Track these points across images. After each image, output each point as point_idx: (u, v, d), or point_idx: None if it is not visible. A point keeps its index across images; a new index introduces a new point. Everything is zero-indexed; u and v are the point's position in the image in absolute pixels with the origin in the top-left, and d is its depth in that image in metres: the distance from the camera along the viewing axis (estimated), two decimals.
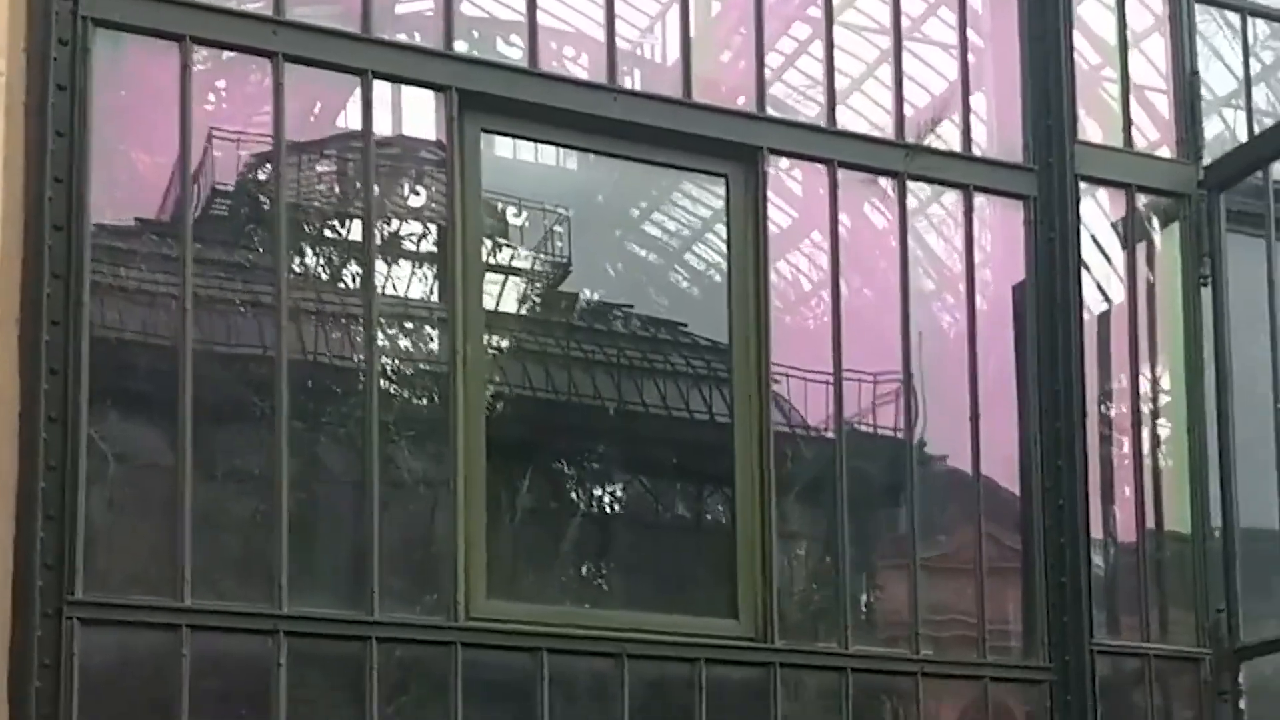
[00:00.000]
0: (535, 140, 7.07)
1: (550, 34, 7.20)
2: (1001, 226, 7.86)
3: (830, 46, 7.45)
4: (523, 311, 7.29)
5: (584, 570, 6.96)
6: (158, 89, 6.32)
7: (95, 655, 5.71)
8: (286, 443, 6.12)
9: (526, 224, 7.41)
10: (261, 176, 6.61)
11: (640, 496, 7.22)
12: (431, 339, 6.69)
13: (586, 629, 6.51)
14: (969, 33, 7.79)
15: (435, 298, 6.73)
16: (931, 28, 8.00)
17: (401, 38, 6.80)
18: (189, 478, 5.96)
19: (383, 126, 6.85)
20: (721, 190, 7.20)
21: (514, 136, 7.00)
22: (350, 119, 6.89)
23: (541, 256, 7.37)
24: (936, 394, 7.44)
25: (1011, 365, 7.65)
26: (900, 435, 7.28)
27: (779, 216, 7.71)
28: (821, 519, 7.09)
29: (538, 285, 7.44)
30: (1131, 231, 7.89)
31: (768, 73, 7.49)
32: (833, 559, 6.99)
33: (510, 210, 7.36)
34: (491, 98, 6.76)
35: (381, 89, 6.70)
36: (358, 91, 6.73)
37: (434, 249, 6.79)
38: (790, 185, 7.70)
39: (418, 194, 6.90)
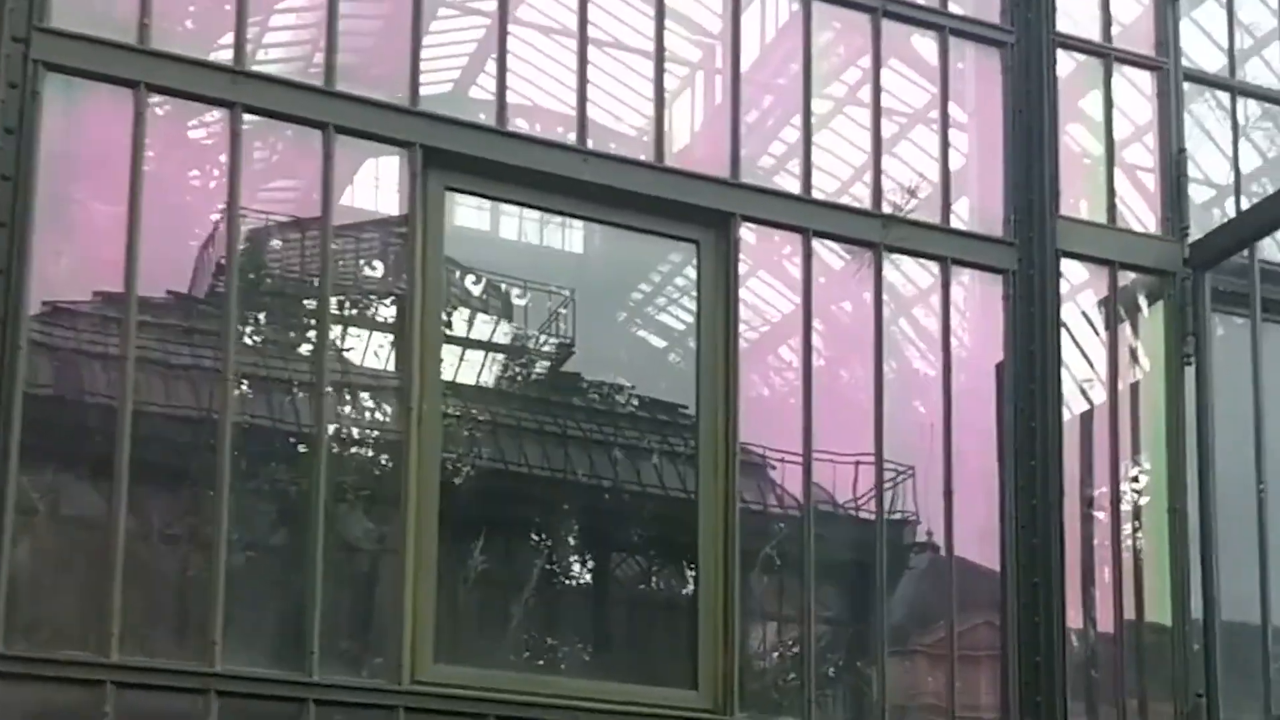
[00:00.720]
0: (501, 200, 6.96)
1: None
2: (984, 303, 7.70)
3: (807, 117, 7.34)
4: (488, 383, 7.16)
5: (537, 638, 6.73)
6: (113, 137, 6.22)
7: (14, 712, 5.53)
8: (227, 500, 5.95)
9: (530, 304, 7.35)
10: (273, 247, 6.53)
11: (600, 567, 7.01)
12: (391, 402, 6.53)
13: (537, 695, 6.29)
14: (952, 107, 7.69)
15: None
16: (916, 101, 7.91)
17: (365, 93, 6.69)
18: (121, 530, 5.78)
19: (388, 205, 6.79)
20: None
21: (480, 195, 6.90)
22: (358, 195, 6.84)
23: (543, 336, 7.28)
24: (921, 473, 7.27)
25: (994, 444, 7.45)
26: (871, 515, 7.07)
27: (781, 302, 7.58)
28: (791, 594, 6.87)
29: (514, 360, 7.34)
30: (1114, 309, 7.72)
31: (769, 160, 7.42)
32: (799, 632, 6.77)
33: (515, 291, 7.33)
34: (457, 155, 6.66)
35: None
36: (367, 165, 6.69)
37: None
38: (791, 270, 7.55)
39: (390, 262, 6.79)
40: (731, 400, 6.84)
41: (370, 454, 6.50)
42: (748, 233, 7.13)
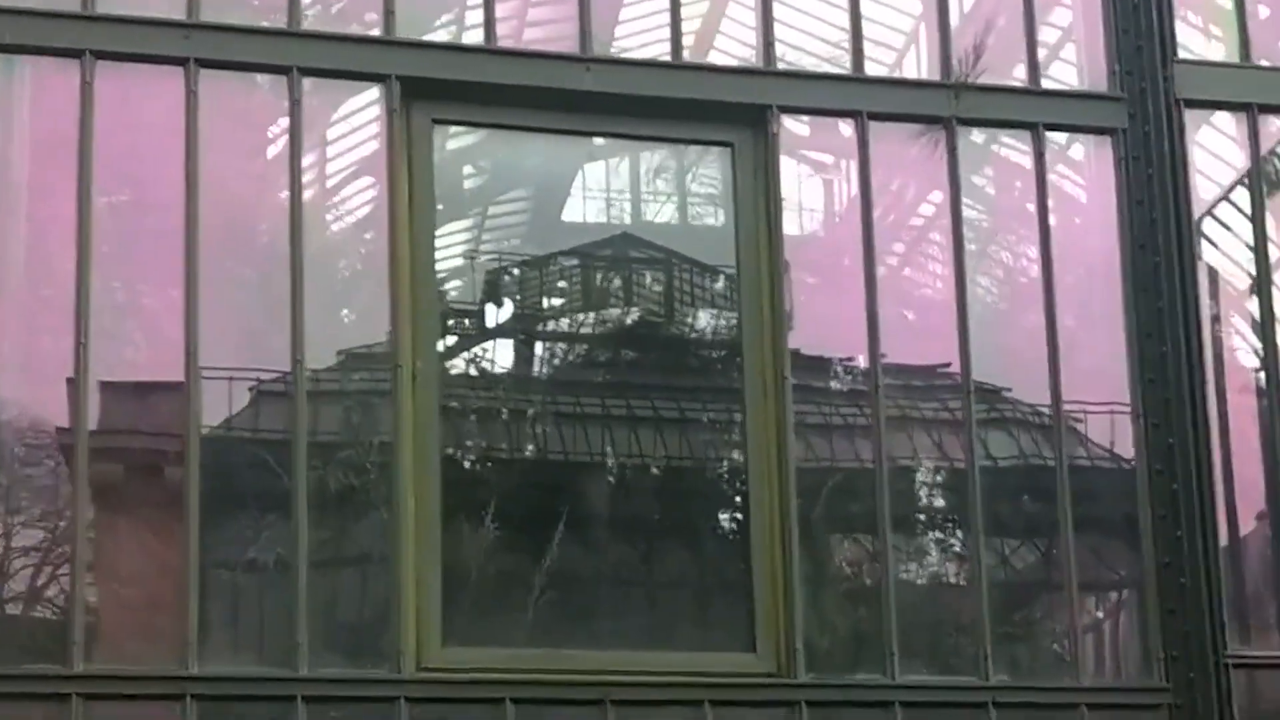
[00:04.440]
0: (497, 127, 6.28)
1: None
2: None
3: None
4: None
5: (562, 609, 5.99)
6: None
7: None
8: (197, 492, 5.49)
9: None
10: None
11: (633, 521, 6.27)
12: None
13: (562, 673, 5.64)
14: None
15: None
16: None
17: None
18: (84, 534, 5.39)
19: None
20: None
21: (471, 124, 6.25)
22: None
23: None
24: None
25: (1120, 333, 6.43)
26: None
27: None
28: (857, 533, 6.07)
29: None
30: (1257, 160, 6.59)
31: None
32: (874, 577, 5.96)
33: None
34: (440, 83, 6.03)
35: None
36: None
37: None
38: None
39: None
40: (779, 321, 6.04)
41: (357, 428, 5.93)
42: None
